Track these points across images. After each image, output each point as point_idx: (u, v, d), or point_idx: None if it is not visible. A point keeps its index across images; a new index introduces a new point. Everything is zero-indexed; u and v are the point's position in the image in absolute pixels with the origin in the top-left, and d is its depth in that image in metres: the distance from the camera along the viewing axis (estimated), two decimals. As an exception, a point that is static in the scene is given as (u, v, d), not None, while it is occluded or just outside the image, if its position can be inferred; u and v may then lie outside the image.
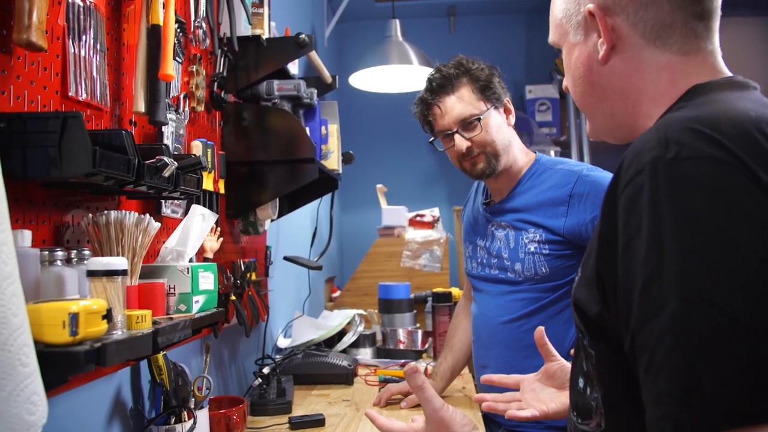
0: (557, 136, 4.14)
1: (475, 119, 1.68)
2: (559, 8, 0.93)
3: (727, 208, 0.61)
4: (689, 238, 0.61)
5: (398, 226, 3.40)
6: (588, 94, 0.91)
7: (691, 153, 0.64)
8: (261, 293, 2.00)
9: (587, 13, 0.85)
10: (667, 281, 0.61)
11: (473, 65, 1.73)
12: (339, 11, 4.03)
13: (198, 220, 1.32)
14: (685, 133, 0.65)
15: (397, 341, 2.64)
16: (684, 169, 0.63)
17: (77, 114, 0.88)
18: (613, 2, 0.83)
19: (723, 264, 0.59)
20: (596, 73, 0.88)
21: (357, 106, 4.22)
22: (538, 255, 1.65)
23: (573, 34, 0.90)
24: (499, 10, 4.54)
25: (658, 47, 0.82)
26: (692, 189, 0.62)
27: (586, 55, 0.88)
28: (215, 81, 1.77)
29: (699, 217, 0.61)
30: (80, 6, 1.16)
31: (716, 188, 0.62)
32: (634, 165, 0.68)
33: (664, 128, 0.68)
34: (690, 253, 0.61)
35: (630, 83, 0.85)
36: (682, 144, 0.65)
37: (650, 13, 0.81)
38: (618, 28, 0.84)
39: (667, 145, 0.65)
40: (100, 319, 0.83)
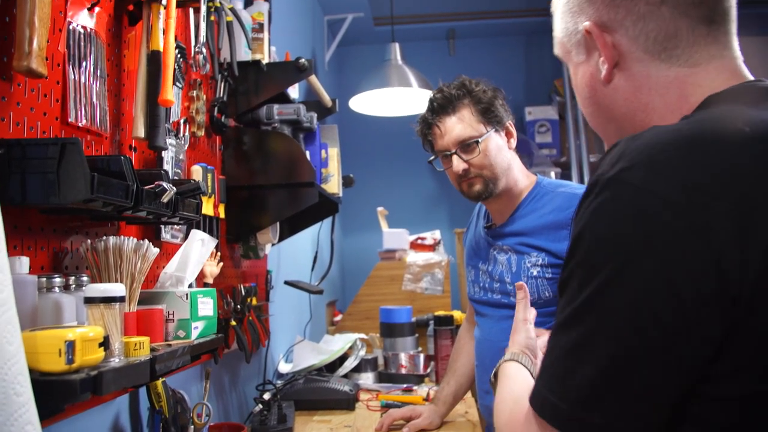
0: (557, 158, 4.15)
1: (474, 141, 1.67)
2: (558, 26, 0.88)
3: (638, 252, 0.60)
4: (590, 264, 0.64)
5: (399, 249, 3.39)
6: (596, 115, 0.86)
7: (630, 177, 0.62)
8: (262, 318, 1.99)
9: (584, 32, 0.80)
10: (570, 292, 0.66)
11: (476, 87, 1.73)
12: (339, 35, 4.07)
13: (197, 245, 1.32)
14: (642, 151, 0.63)
15: (399, 365, 2.62)
16: (614, 192, 0.63)
17: (75, 140, 0.88)
18: (610, 17, 0.78)
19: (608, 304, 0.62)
20: (601, 94, 0.82)
21: (357, 129, 4.23)
22: (541, 279, 1.64)
23: (575, 54, 0.85)
24: (498, 33, 4.58)
25: (663, 60, 0.75)
26: (611, 216, 0.62)
27: (589, 75, 0.83)
28: (215, 106, 1.78)
29: (605, 246, 0.62)
30: (81, 33, 1.16)
31: (637, 226, 0.60)
32: (592, 175, 0.68)
33: (631, 140, 0.66)
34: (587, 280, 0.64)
35: (636, 101, 0.79)
36: (629, 164, 0.62)
37: (650, 24, 0.75)
38: (618, 45, 0.78)
39: (615, 162, 0.64)
40: (97, 346, 0.82)
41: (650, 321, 0.59)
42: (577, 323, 0.64)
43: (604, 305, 0.62)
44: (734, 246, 0.57)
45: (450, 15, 4.40)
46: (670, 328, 0.58)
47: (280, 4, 2.76)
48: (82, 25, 1.16)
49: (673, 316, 0.58)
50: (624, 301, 0.60)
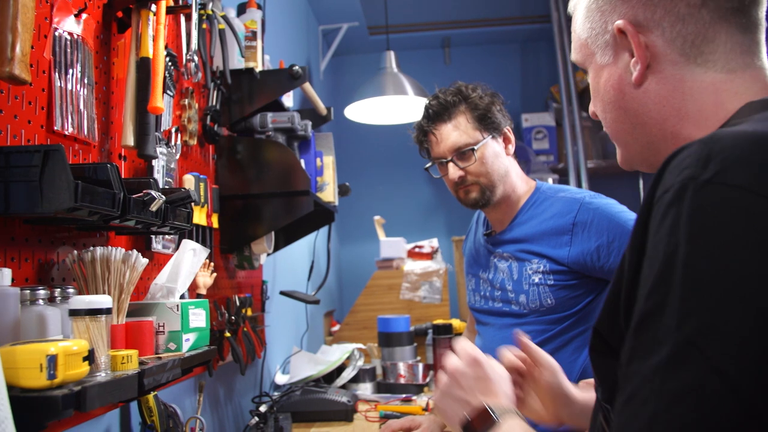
0: (554, 164, 4.13)
1: (470, 149, 1.65)
2: (582, 26, 0.83)
3: (755, 259, 0.52)
4: (700, 281, 0.54)
5: (397, 257, 3.36)
6: (621, 120, 0.81)
7: (732, 179, 0.55)
8: (257, 329, 1.96)
9: (616, 31, 0.76)
10: (666, 321, 0.54)
11: (472, 93, 1.70)
12: (334, 44, 4.05)
13: (189, 255, 1.29)
14: (734, 151, 0.56)
15: (397, 375, 2.59)
16: (716, 197, 0.55)
17: (58, 147, 0.85)
18: (646, 17, 0.74)
19: (727, 320, 0.52)
20: (629, 97, 0.78)
21: (353, 138, 4.21)
22: (543, 286, 1.61)
23: (600, 55, 0.81)
24: (493, 41, 4.57)
25: (699, 65, 0.73)
26: (717, 224, 0.54)
27: (617, 77, 0.79)
28: (208, 114, 1.75)
29: (717, 259, 0.53)
30: (67, 39, 1.14)
31: (750, 232, 0.53)
32: (666, 180, 0.59)
33: (711, 141, 0.58)
34: (695, 298, 0.53)
35: (669, 106, 0.75)
36: (725, 165, 0.55)
37: (689, 26, 0.72)
38: (653, 46, 0.74)
39: (706, 164, 0.56)
40: (81, 360, 0.80)
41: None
42: (690, 360, 0.53)
43: (726, 329, 0.52)
44: None
45: (445, 23, 4.39)
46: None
47: (274, 14, 2.74)
48: (69, 31, 1.14)
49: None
50: (749, 321, 0.52)
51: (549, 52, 4.42)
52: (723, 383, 0.51)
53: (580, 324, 1.61)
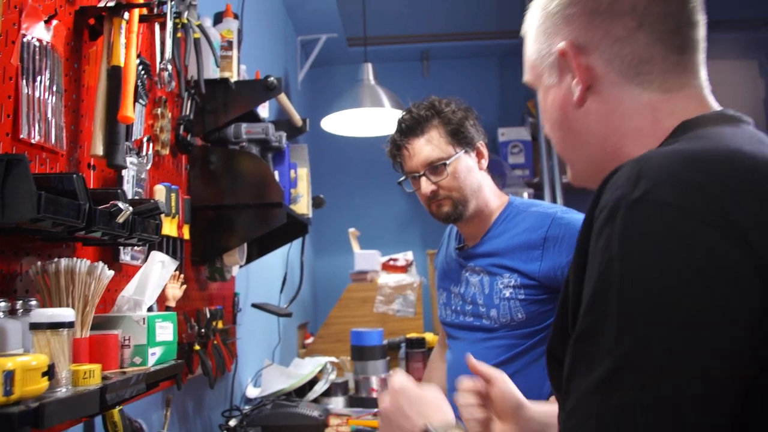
0: (530, 178, 4.15)
1: (442, 164, 1.65)
2: (531, 48, 0.86)
3: (682, 273, 0.54)
4: (633, 297, 0.56)
5: (371, 270, 3.35)
6: (566, 139, 0.84)
7: (660, 197, 0.57)
8: (228, 342, 1.94)
9: (559, 53, 0.79)
10: (603, 338, 0.56)
11: (445, 107, 1.70)
12: (313, 55, 4.05)
13: (157, 267, 1.27)
14: (662, 170, 0.59)
15: (369, 389, 2.57)
16: (645, 215, 0.57)
17: (21, 157, 0.83)
18: (586, 39, 0.77)
19: (660, 336, 0.54)
20: (572, 117, 0.81)
21: (330, 149, 4.19)
22: (514, 300, 1.61)
23: (547, 76, 0.83)
24: (471, 55, 4.59)
25: (637, 85, 0.75)
26: (646, 241, 0.56)
27: (561, 97, 0.82)
28: (181, 124, 1.73)
29: (647, 276, 0.56)
30: (36, 46, 1.12)
31: (677, 248, 0.55)
32: (603, 199, 0.62)
33: (642, 161, 0.61)
34: (629, 316, 0.56)
35: (609, 125, 0.78)
36: (653, 183, 0.58)
37: (626, 48, 0.75)
38: (592, 67, 0.77)
39: (636, 182, 0.59)
40: (40, 376, 0.77)
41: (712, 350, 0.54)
42: (628, 377, 0.55)
43: (660, 345, 0.54)
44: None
45: (424, 36, 4.41)
46: (728, 350, 0.54)
47: (252, 24, 2.73)
48: (38, 38, 1.12)
49: (732, 338, 0.54)
50: (683, 336, 0.54)
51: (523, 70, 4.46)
52: (660, 398, 0.53)
53: None
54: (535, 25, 0.85)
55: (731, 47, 3.74)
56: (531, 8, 0.87)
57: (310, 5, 3.64)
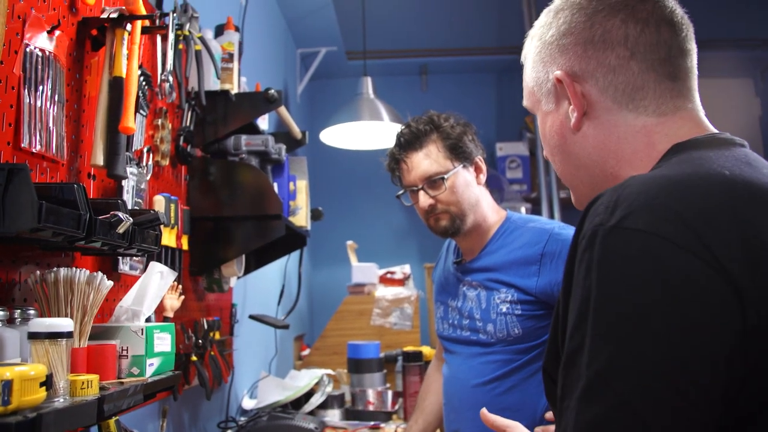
0: (528, 193, 4.16)
1: (440, 178, 1.66)
2: (529, 75, 0.90)
3: (658, 298, 0.57)
4: (609, 320, 0.59)
5: (368, 283, 3.35)
6: (566, 163, 0.87)
7: (634, 223, 0.60)
8: (225, 353, 1.93)
9: (555, 81, 0.83)
10: (583, 358, 0.60)
11: (444, 122, 1.71)
12: (312, 68, 4.06)
13: (156, 277, 1.27)
14: (638, 197, 0.61)
15: (366, 402, 2.57)
16: (620, 241, 0.60)
17: (23, 166, 0.83)
18: (581, 68, 0.81)
19: (633, 356, 0.57)
20: (570, 142, 0.84)
21: (328, 162, 4.20)
22: (511, 315, 1.61)
23: (545, 102, 0.87)
24: (470, 70, 4.62)
25: (631, 111, 0.78)
26: (621, 266, 0.59)
27: (558, 123, 0.85)
28: (181, 135, 1.74)
29: (621, 300, 0.58)
30: (39, 56, 1.12)
31: (650, 271, 0.58)
32: (584, 226, 0.65)
33: (620, 188, 0.64)
34: (604, 337, 0.58)
35: (606, 149, 0.81)
36: (629, 211, 0.61)
37: (619, 77, 0.78)
38: (588, 94, 0.81)
39: (613, 210, 0.62)
40: (38, 386, 0.77)
41: (683, 371, 0.56)
42: (601, 394, 0.58)
43: (633, 364, 0.57)
44: (747, 279, 0.57)
45: (423, 51, 4.43)
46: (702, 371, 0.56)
47: (253, 36, 2.75)
48: (41, 47, 1.13)
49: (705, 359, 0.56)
50: (656, 356, 0.56)
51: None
52: (632, 416, 0.56)
53: None
54: (532, 53, 0.88)
55: (726, 65, 3.77)
56: (529, 38, 0.90)
57: (311, 19, 3.66)
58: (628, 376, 0.56)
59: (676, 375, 0.55)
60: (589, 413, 0.58)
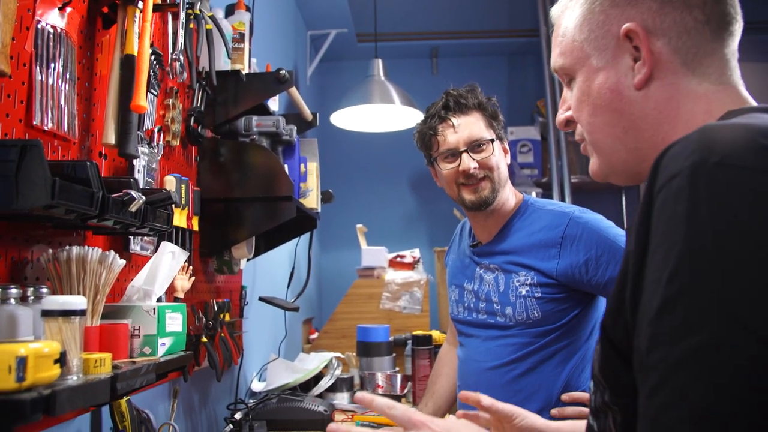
0: (539, 178, 4.14)
1: (488, 140, 1.66)
2: (576, 29, 0.84)
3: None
4: (737, 250, 0.53)
5: (378, 266, 3.34)
6: (613, 124, 0.81)
7: (743, 161, 0.56)
8: (234, 335, 1.93)
9: (623, 34, 0.78)
10: (699, 300, 0.54)
11: (484, 98, 1.75)
12: (322, 50, 4.04)
13: (168, 257, 1.26)
14: (735, 139, 0.58)
15: (375, 385, 2.57)
16: (732, 178, 0.56)
17: (36, 142, 0.83)
18: (655, 24, 0.77)
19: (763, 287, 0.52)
20: (627, 100, 0.79)
21: (338, 144, 4.19)
22: (530, 298, 1.60)
23: (597, 57, 0.82)
24: (481, 53, 4.58)
25: (696, 76, 0.77)
26: (741, 199, 0.55)
27: (615, 80, 0.80)
28: (192, 115, 1.73)
29: (746, 232, 0.54)
30: (50, 33, 1.11)
31: (765, 206, 0.54)
32: (669, 168, 0.59)
33: (707, 131, 0.60)
34: (736, 269, 0.53)
35: (665, 112, 0.77)
36: (730, 149, 0.57)
37: (693, 39, 0.76)
38: (658, 53, 0.77)
39: (711, 149, 0.57)
40: (53, 363, 0.77)
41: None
42: (740, 339, 0.52)
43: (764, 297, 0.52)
44: None
45: (434, 33, 4.39)
46: None
47: (263, 17, 2.72)
48: (52, 24, 1.12)
49: None
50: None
51: (536, 66, 4.44)
52: (762, 373, 0.50)
53: (565, 337, 1.61)
54: (585, 5, 0.83)
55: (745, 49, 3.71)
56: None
57: (321, 0, 3.63)
58: (760, 307, 0.52)
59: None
60: (729, 362, 0.51)
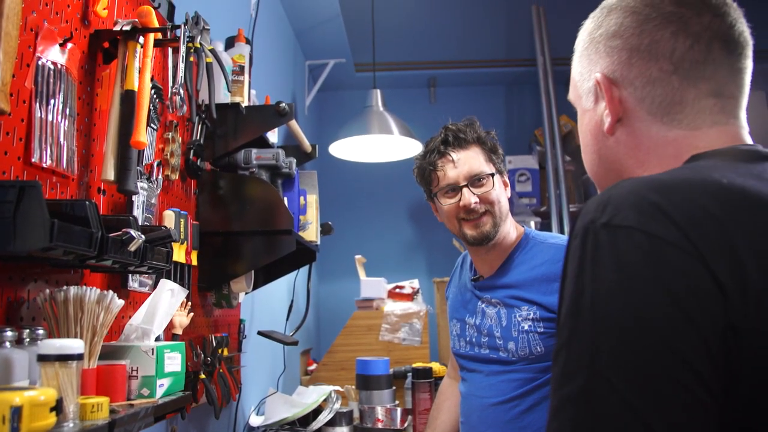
0: (537, 207, 4.12)
1: (488, 174, 1.66)
2: (576, 69, 0.89)
3: (651, 291, 0.57)
4: (604, 315, 0.59)
5: (377, 298, 3.31)
6: (596, 164, 0.86)
7: (624, 221, 0.60)
8: (233, 370, 1.90)
9: (595, 81, 0.82)
10: (574, 355, 0.60)
11: (483, 132, 1.74)
12: (320, 80, 4.05)
13: (167, 295, 1.24)
14: (628, 197, 0.62)
15: (375, 419, 2.52)
16: (612, 238, 0.60)
17: (35, 183, 0.81)
18: (622, 74, 0.79)
19: (633, 352, 0.56)
20: (602, 144, 0.84)
21: (337, 175, 4.18)
22: (533, 333, 1.58)
23: (585, 99, 0.86)
24: (478, 82, 4.60)
25: (665, 123, 0.77)
26: (613, 261, 0.59)
27: (594, 123, 0.84)
28: (191, 148, 1.72)
29: (616, 293, 0.59)
30: (51, 69, 1.10)
31: (645, 266, 0.58)
32: (576, 226, 0.65)
33: (611, 189, 0.65)
34: (604, 329, 0.58)
35: (634, 157, 0.80)
36: (618, 209, 0.61)
37: (658, 89, 0.76)
38: (624, 101, 0.79)
39: (604, 209, 0.62)
40: (48, 411, 0.74)
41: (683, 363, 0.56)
42: (602, 394, 0.57)
43: (634, 358, 0.56)
44: (730, 278, 0.57)
45: (431, 63, 4.42)
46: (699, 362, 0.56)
47: (262, 47, 2.73)
48: (53, 61, 1.11)
49: (700, 350, 0.56)
50: (655, 348, 0.56)
51: (534, 95, 4.45)
52: (631, 414, 0.55)
53: None
54: (581, 46, 0.87)
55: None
56: (583, 27, 0.89)
57: (319, 30, 3.65)
58: (627, 369, 0.56)
59: (677, 368, 0.55)
60: (590, 414, 0.57)
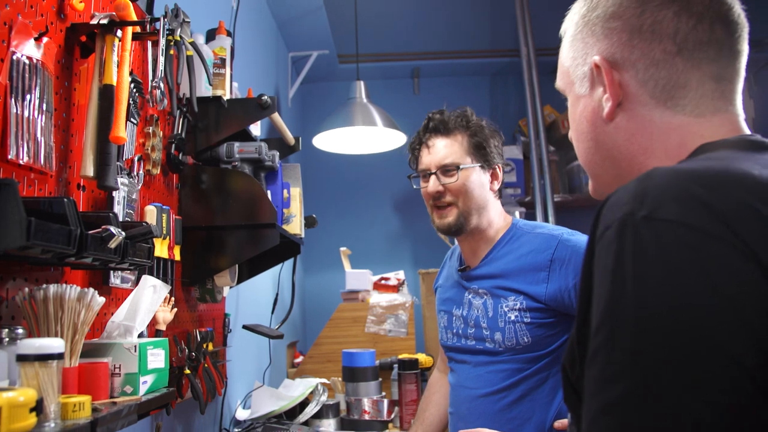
0: (522, 197, 4.13)
1: (455, 168, 1.65)
2: (566, 55, 0.85)
3: (700, 288, 0.54)
4: (650, 315, 0.55)
5: (362, 290, 3.31)
6: (592, 152, 0.83)
7: (667, 214, 0.57)
8: (218, 364, 1.89)
9: (593, 65, 0.79)
10: (616, 358, 0.56)
11: (477, 121, 1.74)
12: (303, 72, 4.02)
13: (149, 292, 1.23)
14: (668, 189, 0.59)
15: (362, 411, 2.53)
16: (655, 232, 0.57)
17: (11, 182, 0.80)
18: (623, 56, 0.76)
19: (681, 352, 0.53)
20: (600, 131, 0.80)
21: (320, 167, 4.16)
22: (520, 324, 1.58)
23: (579, 85, 0.83)
24: (462, 73, 4.59)
25: (669, 108, 0.75)
26: (657, 257, 0.56)
27: (590, 109, 0.81)
28: (173, 143, 1.70)
29: (662, 290, 0.55)
30: (26, 64, 1.08)
31: (688, 263, 0.55)
32: (605, 219, 0.62)
33: (646, 180, 0.61)
34: (647, 335, 0.55)
35: (636, 144, 0.77)
36: (660, 201, 0.58)
37: (662, 71, 0.74)
38: (626, 85, 0.77)
39: (642, 201, 0.59)
40: (28, 411, 0.73)
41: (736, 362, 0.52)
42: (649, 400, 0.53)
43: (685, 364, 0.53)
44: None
45: (415, 54, 4.40)
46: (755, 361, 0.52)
47: (244, 39, 2.71)
48: (28, 55, 1.09)
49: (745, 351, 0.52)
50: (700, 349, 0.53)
51: (518, 85, 4.45)
52: (684, 416, 0.52)
53: (556, 363, 1.59)
54: (572, 30, 0.84)
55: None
56: (571, 11, 0.86)
57: (302, 22, 3.62)
58: (676, 369, 0.52)
59: (729, 367, 0.52)
60: (637, 422, 0.53)
